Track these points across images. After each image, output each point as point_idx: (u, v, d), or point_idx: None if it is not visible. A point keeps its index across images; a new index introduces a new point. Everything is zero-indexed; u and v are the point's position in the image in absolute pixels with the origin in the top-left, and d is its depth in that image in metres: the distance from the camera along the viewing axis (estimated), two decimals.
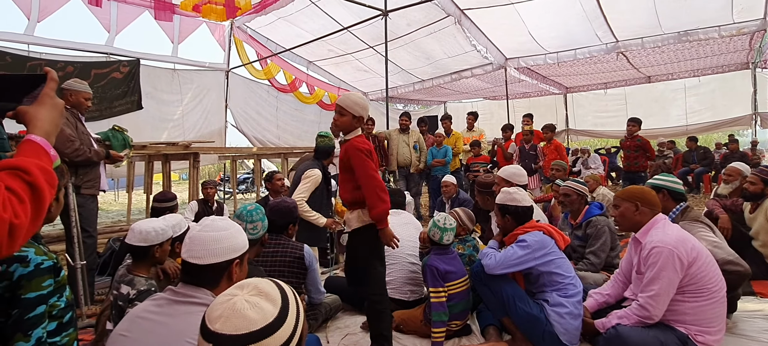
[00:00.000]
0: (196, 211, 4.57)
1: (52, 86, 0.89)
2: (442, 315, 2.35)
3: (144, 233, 2.18)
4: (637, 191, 2.41)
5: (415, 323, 2.60)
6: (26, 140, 0.81)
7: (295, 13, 8.42)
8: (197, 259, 1.31)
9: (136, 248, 2.19)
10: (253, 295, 0.87)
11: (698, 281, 2.09)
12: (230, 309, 0.83)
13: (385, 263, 2.39)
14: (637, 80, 10.88)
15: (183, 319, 1.25)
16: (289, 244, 2.56)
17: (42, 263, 1.54)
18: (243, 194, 12.83)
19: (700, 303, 2.10)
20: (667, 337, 2.08)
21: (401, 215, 3.40)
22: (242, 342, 0.80)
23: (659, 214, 2.30)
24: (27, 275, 1.48)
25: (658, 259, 2.08)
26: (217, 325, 0.82)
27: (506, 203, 2.48)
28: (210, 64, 9.64)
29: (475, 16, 7.89)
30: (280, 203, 2.62)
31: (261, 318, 0.83)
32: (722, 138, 12.43)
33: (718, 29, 7.19)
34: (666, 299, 2.09)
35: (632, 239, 2.41)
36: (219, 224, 1.39)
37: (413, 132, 6.65)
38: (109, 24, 7.53)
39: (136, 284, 2.12)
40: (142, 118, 7.89)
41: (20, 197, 0.69)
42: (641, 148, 6.21)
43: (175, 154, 6.01)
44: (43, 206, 0.73)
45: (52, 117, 0.87)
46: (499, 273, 2.31)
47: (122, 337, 1.28)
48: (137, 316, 1.32)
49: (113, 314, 2.12)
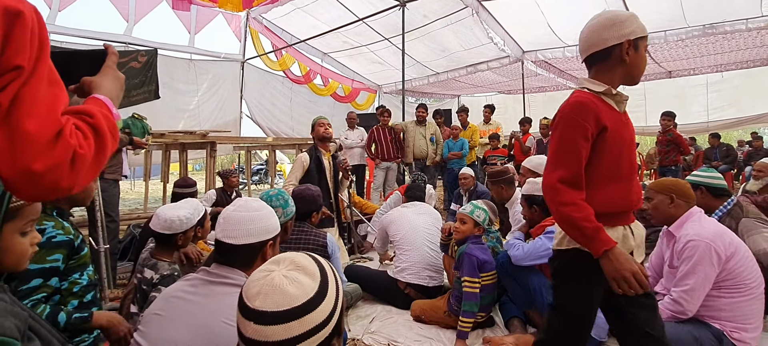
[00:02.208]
0: (214, 200, 4.59)
1: (113, 60, 0.92)
2: (473, 306, 2.31)
3: (168, 222, 2.18)
4: (670, 182, 2.33)
5: (438, 313, 2.57)
6: (92, 97, 0.82)
7: (310, 4, 8.39)
8: (232, 239, 1.29)
9: (160, 234, 2.20)
10: (291, 269, 0.83)
11: (736, 276, 2.02)
12: (269, 285, 0.80)
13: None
14: (657, 75, 10.63)
15: (219, 299, 1.23)
16: (312, 232, 2.55)
17: (55, 236, 1.55)
18: (256, 185, 12.91)
19: (737, 299, 2.03)
20: (702, 333, 2.02)
21: (419, 206, 3.38)
22: (284, 319, 0.77)
23: (695, 206, 2.23)
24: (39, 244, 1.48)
25: (694, 252, 2.02)
26: (257, 302, 0.79)
27: (533, 193, 2.43)
28: (226, 54, 9.67)
29: (493, 8, 7.76)
30: (304, 190, 2.61)
31: (301, 293, 0.80)
32: (744, 136, 12.13)
33: (746, 22, 6.98)
34: (701, 294, 2.03)
35: (664, 233, 2.34)
36: (253, 205, 1.37)
37: (430, 124, 6.59)
38: (128, 13, 7.61)
39: (160, 268, 2.12)
40: (158, 108, 7.93)
41: (85, 133, 0.70)
42: (674, 143, 6.00)
43: (193, 143, 6.04)
44: (105, 150, 0.74)
45: (114, 87, 0.89)
46: (526, 265, 2.27)
47: (157, 316, 1.27)
48: (172, 296, 1.31)
49: (137, 297, 2.14)
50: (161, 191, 6.78)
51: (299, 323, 0.78)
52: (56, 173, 0.64)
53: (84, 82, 0.86)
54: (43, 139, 0.62)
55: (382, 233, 3.36)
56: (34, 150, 0.62)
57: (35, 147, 0.62)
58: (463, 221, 2.52)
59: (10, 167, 0.61)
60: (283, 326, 0.77)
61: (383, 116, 6.39)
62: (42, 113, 0.63)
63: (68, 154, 0.65)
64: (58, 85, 0.68)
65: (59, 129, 0.64)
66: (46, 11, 6.82)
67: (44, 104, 0.64)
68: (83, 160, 0.68)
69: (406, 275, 2.87)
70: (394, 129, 6.42)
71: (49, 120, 0.63)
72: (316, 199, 2.59)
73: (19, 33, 0.61)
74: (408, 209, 3.30)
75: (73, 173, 0.66)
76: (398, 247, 3.04)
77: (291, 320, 0.78)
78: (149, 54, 6.85)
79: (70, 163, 0.65)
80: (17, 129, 0.61)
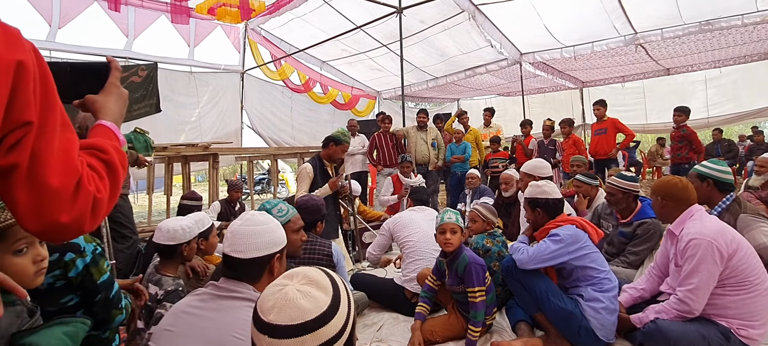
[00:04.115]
0: (218, 211, 4.61)
1: (116, 76, 0.91)
2: (482, 315, 2.28)
3: (171, 232, 2.19)
4: (659, 183, 2.35)
5: (453, 328, 2.45)
6: (98, 125, 0.83)
7: (308, 13, 8.44)
8: (240, 253, 1.31)
9: (164, 247, 2.20)
10: (304, 284, 0.85)
11: (739, 273, 2.02)
12: (283, 299, 0.82)
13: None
14: (655, 73, 10.63)
15: (228, 313, 1.24)
16: (318, 241, 2.56)
17: (95, 248, 1.61)
18: (259, 195, 12.93)
19: (742, 296, 2.03)
20: (709, 331, 2.03)
21: (425, 210, 3.38)
22: (297, 332, 0.79)
23: (695, 205, 2.24)
24: (90, 263, 1.57)
25: (697, 251, 2.02)
26: (272, 316, 0.81)
27: (536, 196, 2.44)
28: (225, 66, 9.73)
29: (490, 11, 7.79)
30: (308, 200, 2.63)
31: (314, 307, 0.81)
32: (745, 130, 12.11)
33: (742, 17, 6.99)
34: (706, 292, 2.03)
35: (667, 232, 2.35)
36: (259, 218, 1.38)
37: (431, 129, 6.61)
38: (127, 28, 7.67)
39: (164, 284, 2.13)
40: (160, 121, 7.96)
41: (99, 174, 0.71)
42: (686, 139, 5.81)
43: (195, 156, 6.06)
44: (119, 184, 0.76)
45: (118, 106, 0.89)
46: (532, 268, 2.27)
47: (168, 332, 1.28)
48: (182, 311, 1.32)
49: (143, 313, 2.14)
50: (165, 203, 6.79)
51: (312, 336, 0.79)
52: (80, 221, 0.66)
53: (88, 100, 0.87)
54: (67, 193, 0.64)
55: (386, 237, 3.33)
56: (59, 205, 0.63)
57: (60, 202, 0.63)
58: (453, 231, 2.40)
59: (37, 221, 0.63)
60: (297, 339, 0.79)
61: (384, 123, 6.42)
62: (62, 166, 0.64)
63: (89, 202, 0.67)
64: (70, 128, 0.68)
65: (79, 179, 0.66)
66: (46, 29, 6.88)
67: (62, 156, 0.64)
68: (102, 203, 0.70)
69: (415, 285, 2.84)
70: (396, 135, 6.44)
71: (70, 172, 0.65)
72: (319, 209, 2.60)
73: (23, 86, 0.60)
74: (417, 214, 3.26)
75: (94, 217, 0.69)
76: (408, 255, 3.00)
77: (305, 334, 0.79)
78: (149, 68, 6.90)
79: (91, 209, 0.68)
80: (42, 186, 0.62)
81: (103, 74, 0.90)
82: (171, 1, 7.09)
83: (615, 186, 2.97)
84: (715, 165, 2.60)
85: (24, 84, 0.60)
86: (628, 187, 2.93)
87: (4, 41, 0.58)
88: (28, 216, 0.62)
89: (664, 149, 10.80)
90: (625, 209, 2.98)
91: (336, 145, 3.81)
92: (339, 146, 3.82)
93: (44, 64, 0.65)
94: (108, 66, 0.91)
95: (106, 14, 7.09)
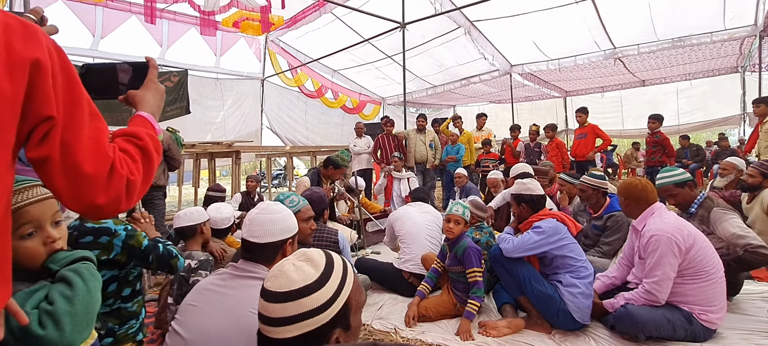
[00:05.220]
0: (240, 201, 4.63)
1: (154, 73, 0.91)
2: (482, 291, 2.33)
3: (187, 214, 2.28)
4: (623, 185, 2.35)
5: (446, 307, 2.47)
6: (137, 115, 0.83)
7: (322, 27, 8.45)
8: (256, 238, 1.32)
9: (186, 230, 2.26)
10: (300, 260, 0.87)
11: (696, 264, 2.02)
12: (278, 270, 0.85)
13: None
14: (632, 84, 10.55)
15: (244, 291, 1.26)
16: (325, 229, 2.57)
17: (126, 227, 1.63)
18: (276, 188, 12.98)
19: (700, 284, 2.03)
20: (674, 315, 2.03)
21: (422, 205, 3.39)
22: (282, 299, 0.81)
23: (656, 203, 2.22)
24: (126, 238, 1.59)
25: (658, 246, 2.02)
26: (268, 283, 0.84)
27: (521, 192, 2.43)
28: (248, 73, 9.75)
29: (484, 27, 7.77)
30: (312, 193, 2.62)
31: (301, 279, 0.82)
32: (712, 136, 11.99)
33: (711, 35, 6.93)
34: (669, 283, 2.02)
35: (631, 227, 2.34)
36: (274, 208, 1.39)
37: (429, 132, 6.60)
38: (161, 39, 7.71)
39: (195, 256, 2.18)
40: (189, 122, 8.00)
41: (133, 158, 0.71)
42: (660, 145, 5.69)
43: (220, 153, 6.09)
44: (152, 168, 0.75)
45: (155, 100, 0.89)
46: (516, 256, 2.27)
47: (192, 306, 1.30)
48: (204, 288, 1.33)
49: (173, 289, 2.17)
50: (193, 194, 6.83)
51: (294, 304, 0.80)
52: (115, 203, 0.66)
53: (129, 95, 0.88)
54: (101, 177, 0.63)
55: (390, 229, 3.38)
56: (95, 188, 0.63)
57: (96, 186, 0.63)
58: (456, 222, 2.45)
59: (77, 203, 0.64)
60: (281, 305, 0.80)
61: (387, 126, 6.41)
62: (94, 154, 0.63)
63: (123, 184, 0.67)
64: (98, 117, 0.66)
65: (111, 164, 0.65)
66: (90, 39, 6.93)
67: (93, 144, 0.63)
68: (135, 185, 0.69)
69: (409, 265, 2.89)
70: (397, 136, 6.44)
71: (101, 158, 0.64)
72: (323, 199, 2.61)
73: (41, 83, 0.57)
74: (412, 208, 3.31)
75: (129, 198, 0.68)
76: (402, 241, 3.06)
77: (288, 301, 0.80)
78: (180, 74, 6.92)
79: (126, 191, 0.67)
80: (77, 173, 0.61)
81: (142, 72, 0.90)
82: (200, 16, 7.11)
83: (586, 183, 3.03)
84: (668, 173, 2.59)
85: (41, 81, 0.57)
86: (597, 184, 2.99)
87: (22, 38, 0.56)
88: (68, 199, 0.63)
89: (638, 153, 10.71)
90: (596, 203, 3.03)
91: (335, 168, 3.92)
92: (338, 170, 3.93)
93: (66, 61, 0.62)
94: (147, 65, 0.91)
95: (143, 26, 7.14)
